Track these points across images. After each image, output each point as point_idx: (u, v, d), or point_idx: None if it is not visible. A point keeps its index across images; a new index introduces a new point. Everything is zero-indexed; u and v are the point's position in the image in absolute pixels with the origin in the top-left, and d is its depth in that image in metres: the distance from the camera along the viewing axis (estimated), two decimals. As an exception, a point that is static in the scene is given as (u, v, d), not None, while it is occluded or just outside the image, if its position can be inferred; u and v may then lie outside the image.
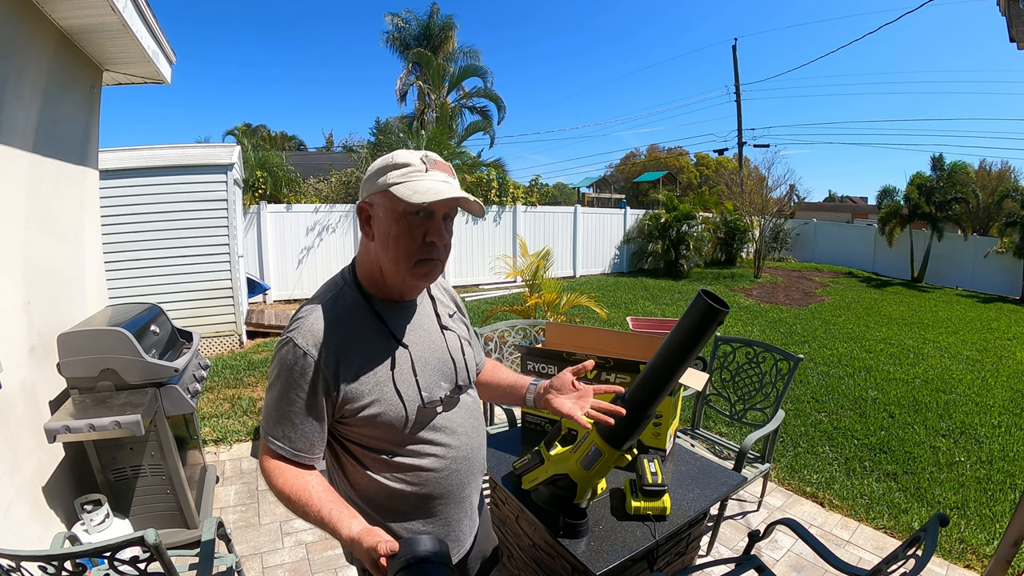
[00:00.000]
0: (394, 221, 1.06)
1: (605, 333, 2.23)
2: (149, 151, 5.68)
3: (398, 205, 1.04)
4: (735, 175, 17.63)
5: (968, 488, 3.38)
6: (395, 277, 1.11)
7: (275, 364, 1.07)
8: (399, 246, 1.06)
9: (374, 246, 1.10)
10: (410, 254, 1.07)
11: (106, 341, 2.18)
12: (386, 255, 1.08)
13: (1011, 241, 13.08)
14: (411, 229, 1.06)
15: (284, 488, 1.04)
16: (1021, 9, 2.19)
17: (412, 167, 1.05)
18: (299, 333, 1.05)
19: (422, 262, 1.09)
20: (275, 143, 23.14)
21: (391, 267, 1.10)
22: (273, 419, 1.07)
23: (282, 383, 1.05)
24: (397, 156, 1.06)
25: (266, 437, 1.08)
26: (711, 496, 1.81)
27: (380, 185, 1.05)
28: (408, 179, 1.03)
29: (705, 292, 1.27)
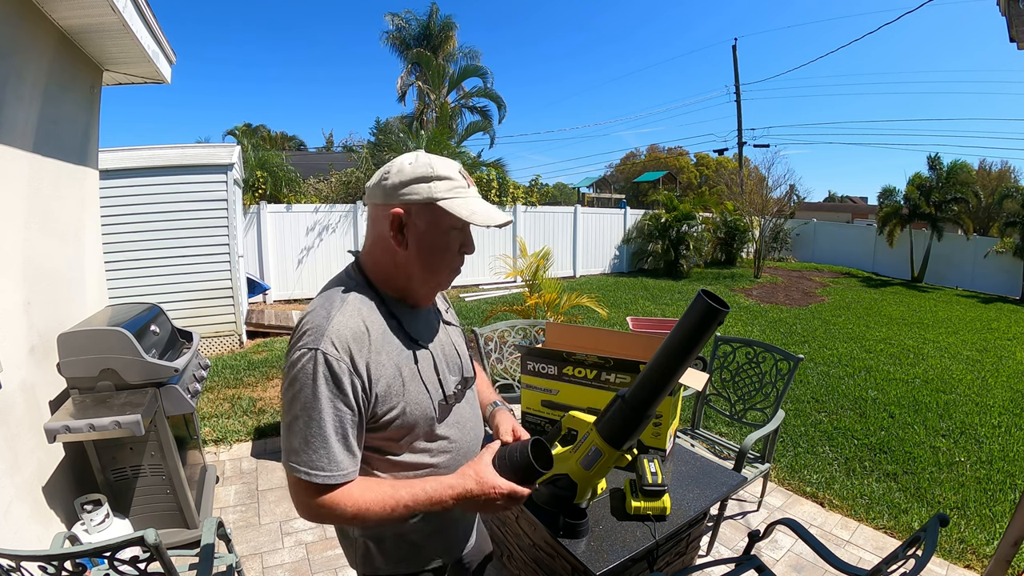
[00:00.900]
0: (439, 234, 1.05)
1: (605, 333, 2.23)
2: (149, 151, 5.68)
3: (445, 220, 1.03)
4: (735, 175, 17.63)
5: (968, 488, 3.38)
6: (424, 286, 1.11)
7: (301, 381, 0.95)
8: (442, 259, 1.07)
9: (404, 254, 1.05)
10: (448, 265, 1.09)
11: (106, 341, 2.18)
12: (421, 265, 1.07)
13: (1011, 241, 13.08)
14: (452, 242, 1.07)
15: (358, 507, 0.98)
16: (1021, 9, 2.19)
17: (455, 181, 1.04)
18: (324, 340, 0.96)
19: (454, 271, 1.12)
20: (275, 143, 23.14)
21: (425, 276, 1.09)
22: (314, 447, 0.95)
23: (316, 401, 0.95)
24: (437, 167, 1.03)
25: (307, 472, 0.95)
26: (711, 496, 1.81)
27: (423, 195, 1.01)
28: (456, 195, 1.03)
29: (705, 292, 1.27)
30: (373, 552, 1.17)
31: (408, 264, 1.07)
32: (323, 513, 0.98)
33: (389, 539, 1.17)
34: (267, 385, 5.04)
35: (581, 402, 2.06)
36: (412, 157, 1.04)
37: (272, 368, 5.48)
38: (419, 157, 1.04)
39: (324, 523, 1.01)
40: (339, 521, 1.00)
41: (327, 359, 0.95)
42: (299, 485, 0.97)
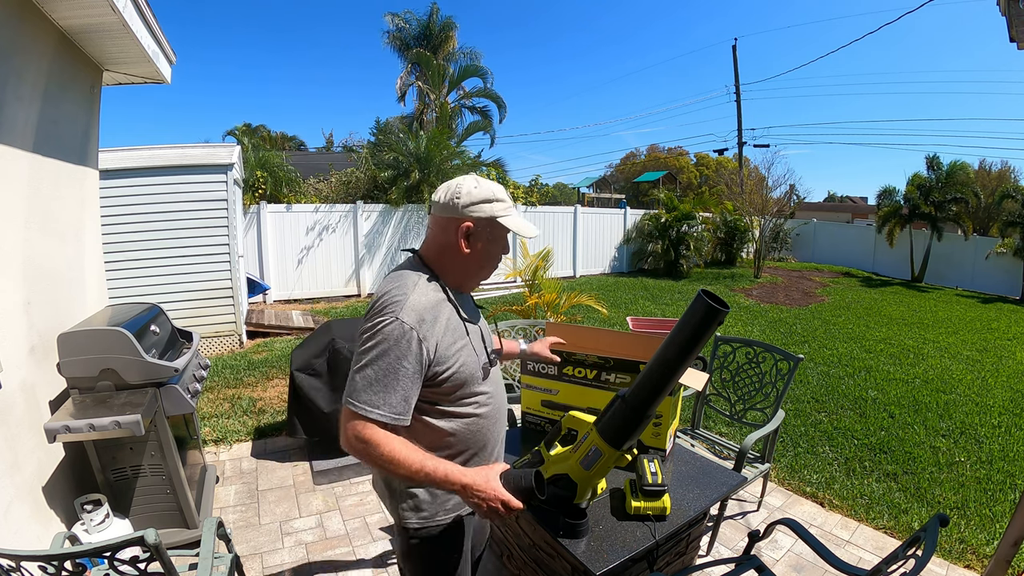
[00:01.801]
0: (496, 242, 1.38)
1: (605, 333, 2.23)
2: (149, 151, 5.68)
3: (500, 231, 1.36)
4: (735, 175, 17.62)
5: (968, 488, 3.38)
6: (475, 279, 1.43)
7: (379, 339, 1.20)
8: (494, 260, 1.42)
9: (467, 255, 1.35)
10: (495, 264, 1.43)
11: (106, 341, 2.18)
12: (479, 265, 1.39)
13: (1011, 241, 13.07)
14: (501, 248, 1.41)
15: (392, 454, 1.19)
16: (1021, 9, 2.19)
17: (507, 203, 1.36)
18: (404, 311, 1.22)
19: (494, 268, 1.46)
20: (275, 143, 23.11)
21: (479, 273, 1.42)
22: (376, 390, 1.19)
23: (388, 355, 1.20)
24: (497, 191, 1.34)
25: (366, 408, 1.19)
26: (711, 496, 1.81)
27: (487, 213, 1.32)
28: (508, 213, 1.36)
29: (705, 292, 1.27)
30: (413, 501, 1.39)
31: (468, 263, 1.37)
32: (363, 447, 1.20)
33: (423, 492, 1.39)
34: (267, 385, 5.04)
35: (581, 402, 2.06)
36: (475, 181, 1.34)
37: (272, 368, 5.48)
38: (481, 182, 1.34)
39: (360, 457, 1.21)
40: (372, 458, 1.20)
41: (403, 325, 1.21)
42: (354, 418, 1.20)
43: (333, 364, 3.44)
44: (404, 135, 11.68)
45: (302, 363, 3.48)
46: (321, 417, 3.42)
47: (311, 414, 3.43)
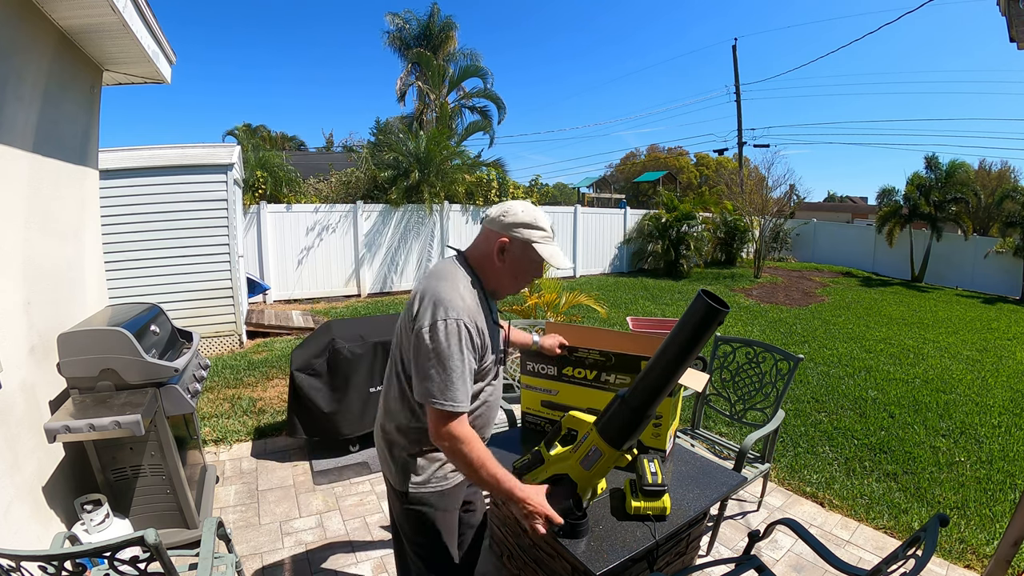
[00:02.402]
0: (527, 262, 1.53)
1: (605, 333, 2.23)
2: (149, 151, 5.68)
3: (535, 256, 1.50)
4: (735, 175, 17.62)
5: (968, 488, 3.38)
6: (505, 289, 1.59)
7: (447, 340, 1.34)
8: (525, 278, 1.57)
9: (500, 267, 1.52)
10: (523, 283, 1.59)
11: (106, 341, 2.18)
12: (511, 278, 1.56)
13: (1011, 241, 13.07)
14: (532, 270, 1.56)
15: (478, 454, 1.38)
16: (1021, 9, 2.19)
17: (546, 233, 1.50)
18: (461, 312, 1.37)
19: (525, 286, 1.66)
20: (275, 143, 23.12)
21: (508, 286, 1.58)
22: (456, 386, 1.35)
23: (459, 354, 1.35)
24: (539, 219, 1.49)
25: (453, 403, 1.34)
26: (711, 496, 1.81)
27: (524, 236, 1.48)
28: (546, 243, 1.50)
29: (705, 292, 1.27)
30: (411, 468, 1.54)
31: (500, 274, 1.54)
32: (457, 445, 1.36)
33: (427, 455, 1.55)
34: (267, 385, 5.04)
35: (581, 402, 2.06)
36: (524, 207, 1.50)
37: (272, 368, 5.48)
38: (529, 209, 1.50)
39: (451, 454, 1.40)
40: (457, 444, 1.36)
41: (465, 326, 1.37)
42: (441, 415, 1.35)
43: (333, 364, 3.44)
44: (404, 135, 11.69)
45: (302, 363, 3.48)
46: (321, 417, 3.42)
47: (311, 414, 3.43)
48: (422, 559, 1.62)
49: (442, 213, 11.10)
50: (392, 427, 1.56)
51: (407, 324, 1.46)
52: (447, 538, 1.61)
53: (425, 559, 1.62)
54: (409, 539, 1.63)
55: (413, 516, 1.58)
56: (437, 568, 1.62)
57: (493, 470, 1.39)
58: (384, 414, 1.61)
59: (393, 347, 1.58)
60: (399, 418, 1.54)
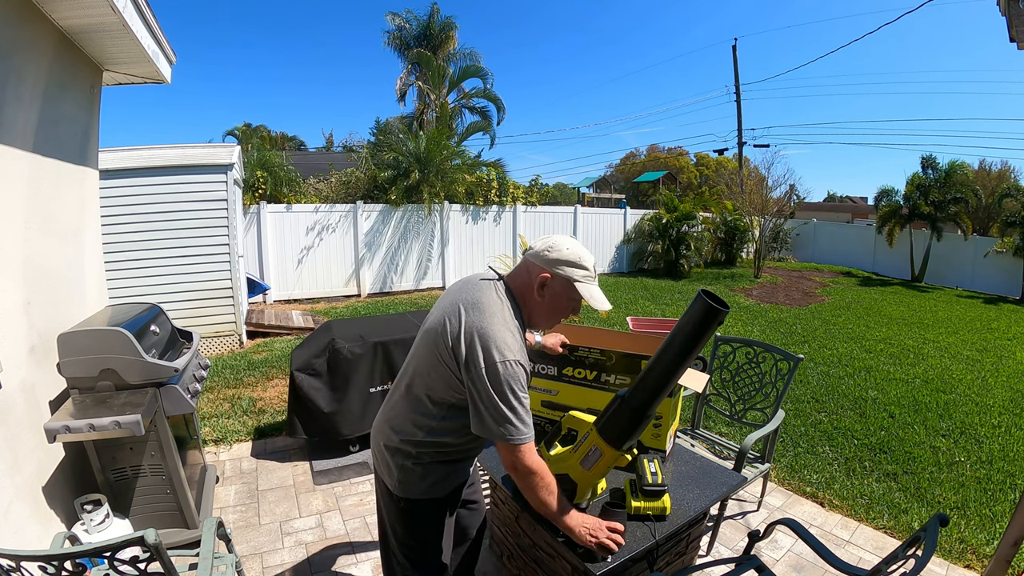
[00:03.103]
0: (566, 300, 1.52)
1: (605, 333, 2.23)
2: (149, 151, 5.68)
3: (573, 293, 1.49)
4: (735, 175, 17.63)
5: (968, 488, 3.38)
6: (543, 325, 1.59)
7: (508, 380, 1.36)
8: (561, 315, 1.56)
9: (538, 301, 1.52)
10: (559, 318, 1.57)
11: (106, 341, 2.18)
12: (548, 313, 1.54)
13: (1011, 241, 13.07)
14: (570, 307, 1.54)
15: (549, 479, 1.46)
16: (1021, 9, 2.19)
17: (589, 272, 1.50)
18: (516, 352, 1.39)
19: (558, 321, 1.61)
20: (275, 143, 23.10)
21: (544, 320, 1.56)
22: (522, 419, 1.38)
23: (521, 393, 1.39)
24: (584, 258, 1.49)
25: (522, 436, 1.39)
26: (711, 496, 1.81)
27: (566, 274, 1.47)
28: (586, 281, 1.50)
29: (705, 292, 1.27)
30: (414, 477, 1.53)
31: (538, 308, 1.53)
32: (527, 468, 1.42)
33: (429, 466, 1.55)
34: (267, 385, 5.04)
35: (581, 403, 2.06)
36: (569, 243, 1.50)
37: (272, 368, 5.48)
38: (574, 246, 1.50)
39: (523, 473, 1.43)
40: (532, 476, 1.43)
41: (523, 368, 1.40)
42: (514, 449, 1.40)
43: (333, 364, 3.44)
44: (404, 135, 11.69)
45: (302, 363, 3.48)
46: (321, 417, 3.42)
47: (311, 414, 3.43)
48: (409, 560, 1.63)
49: (442, 213, 11.10)
50: (398, 439, 1.54)
51: (441, 344, 1.43)
52: (438, 539, 1.61)
53: (412, 559, 1.63)
54: (400, 540, 1.64)
55: (409, 519, 1.58)
56: (423, 568, 1.63)
57: (558, 500, 1.47)
58: (389, 424, 1.59)
59: (410, 360, 1.56)
60: (412, 432, 1.52)
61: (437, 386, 1.46)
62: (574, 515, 1.47)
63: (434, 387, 1.46)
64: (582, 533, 1.44)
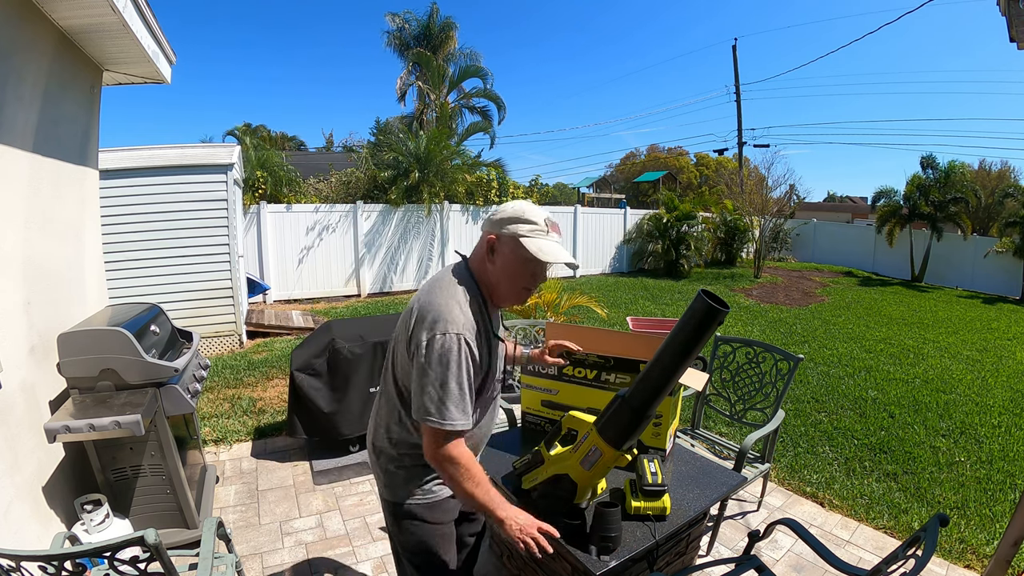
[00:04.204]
0: (517, 261, 1.40)
1: (605, 333, 2.23)
2: (149, 151, 5.68)
3: (524, 253, 1.36)
4: (735, 175, 17.62)
5: (968, 488, 3.38)
6: (505, 296, 1.48)
7: (443, 356, 1.28)
8: (515, 279, 1.43)
9: (492, 268, 1.43)
10: (521, 285, 1.45)
11: (106, 341, 2.18)
12: (504, 280, 1.43)
13: (1011, 241, 13.07)
14: (526, 270, 1.42)
15: (475, 470, 1.34)
16: (1021, 9, 2.19)
17: (538, 226, 1.38)
18: (462, 328, 1.31)
19: (525, 290, 1.48)
20: (275, 143, 23.11)
21: (505, 289, 1.45)
22: (454, 405, 1.29)
23: (456, 371, 1.29)
24: (528, 212, 1.38)
25: (451, 422, 1.29)
26: (711, 496, 1.81)
27: (510, 231, 1.38)
28: (535, 236, 1.37)
29: (705, 292, 1.27)
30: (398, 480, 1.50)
31: (492, 277, 1.44)
32: (447, 456, 1.31)
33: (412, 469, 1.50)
34: (267, 385, 5.04)
35: (581, 402, 2.06)
36: (515, 203, 1.42)
37: (272, 368, 5.48)
38: (519, 204, 1.41)
39: (443, 466, 1.33)
40: (452, 465, 1.32)
41: (465, 341, 1.30)
42: (437, 434, 1.31)
43: (333, 364, 3.44)
44: (404, 135, 11.69)
45: (302, 363, 3.48)
46: (321, 417, 3.42)
47: (311, 414, 3.43)
48: (416, 567, 1.60)
49: (442, 213, 11.10)
50: (383, 436, 1.53)
51: (403, 335, 1.41)
52: (440, 549, 1.56)
53: (419, 568, 1.59)
54: (402, 546, 1.60)
55: (404, 528, 1.54)
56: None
57: (485, 492, 1.34)
58: (374, 422, 1.59)
59: (388, 354, 1.54)
60: (391, 428, 1.51)
61: (407, 378, 1.42)
62: (507, 507, 1.36)
63: (406, 380, 1.43)
64: (512, 527, 1.33)
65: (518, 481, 1.69)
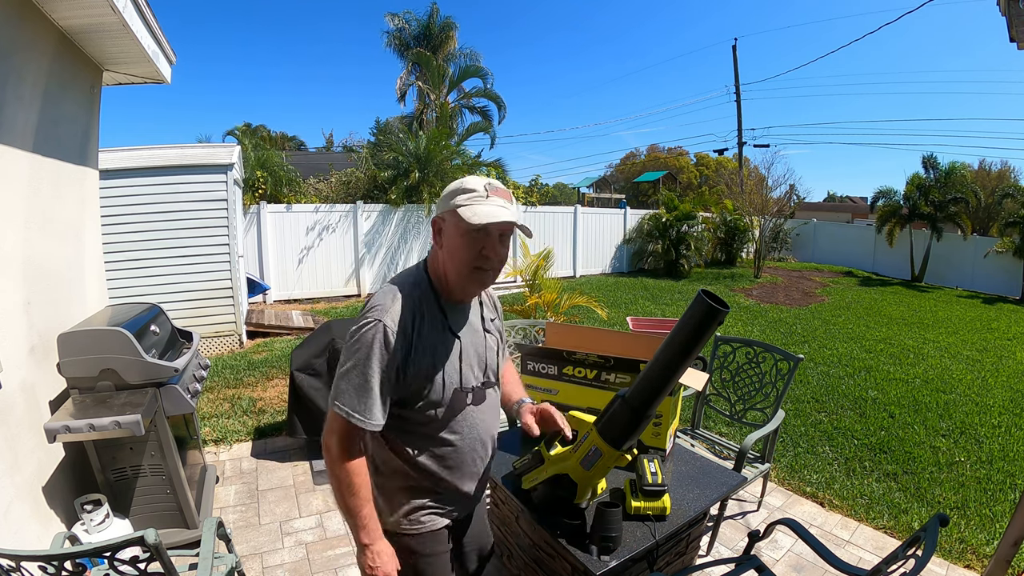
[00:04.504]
0: (458, 236, 1.25)
1: (605, 333, 2.23)
2: (149, 151, 5.68)
3: (462, 223, 1.21)
4: (735, 175, 17.63)
5: (968, 488, 3.38)
6: (456, 281, 1.31)
7: (360, 342, 1.20)
8: (460, 256, 1.27)
9: (441, 254, 1.30)
10: (468, 263, 1.27)
11: (106, 341, 2.18)
12: (451, 262, 1.29)
13: (1011, 241, 13.07)
14: (471, 244, 1.25)
15: (358, 480, 1.23)
16: (1021, 9, 2.19)
17: (476, 192, 1.24)
18: (385, 314, 1.22)
19: (477, 270, 1.29)
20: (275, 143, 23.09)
21: (453, 272, 1.30)
22: (357, 394, 1.20)
23: (367, 359, 1.19)
24: (466, 182, 1.26)
25: (348, 413, 1.20)
26: (711, 496, 1.81)
27: (451, 205, 1.24)
28: (472, 203, 1.22)
29: (705, 292, 1.26)
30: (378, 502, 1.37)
31: (444, 262, 1.31)
32: (330, 447, 1.22)
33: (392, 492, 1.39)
34: (267, 385, 5.04)
35: (581, 402, 2.06)
36: (457, 180, 1.30)
37: (272, 368, 5.48)
38: (458, 180, 1.29)
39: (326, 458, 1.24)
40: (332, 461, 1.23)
41: (386, 329, 1.20)
42: (337, 421, 1.22)
43: (333, 364, 3.44)
44: (404, 135, 11.68)
45: (302, 363, 3.48)
46: (321, 417, 3.39)
47: (311, 414, 3.43)
48: None
49: (442, 213, 11.08)
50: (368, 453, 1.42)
51: None
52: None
53: None
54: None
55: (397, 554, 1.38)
56: None
57: (357, 507, 1.24)
58: None
59: None
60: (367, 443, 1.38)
61: None
62: (375, 535, 1.27)
63: None
64: (368, 559, 1.26)
65: (518, 481, 1.69)
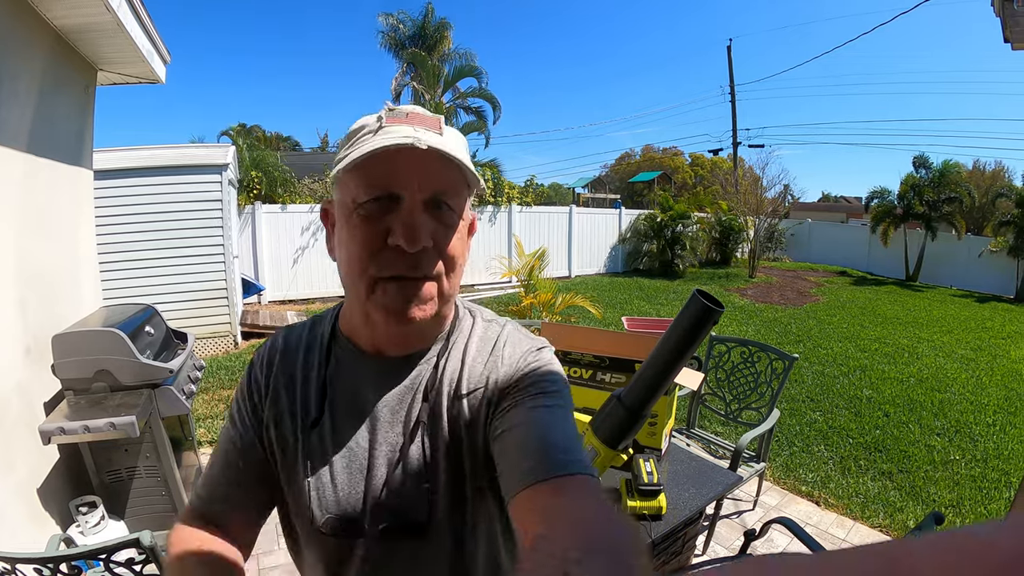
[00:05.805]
0: (345, 220, 0.67)
1: (600, 333, 2.23)
2: (144, 151, 5.66)
3: (345, 193, 0.66)
4: (730, 175, 17.68)
5: (963, 486, 3.40)
6: (359, 311, 0.73)
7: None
8: (352, 252, 0.67)
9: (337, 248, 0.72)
10: (361, 262, 0.66)
11: (101, 342, 2.17)
12: (343, 269, 0.70)
13: (1005, 240, 13.15)
14: (363, 228, 0.65)
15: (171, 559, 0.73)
16: (1015, 10, 2.21)
17: (364, 128, 0.66)
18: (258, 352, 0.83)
19: (382, 282, 0.66)
20: (270, 143, 23.01)
21: (349, 293, 0.73)
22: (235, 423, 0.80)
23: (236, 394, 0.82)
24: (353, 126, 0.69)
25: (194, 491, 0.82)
26: (707, 495, 1.82)
27: (334, 174, 0.69)
28: (354, 147, 0.64)
29: (700, 292, 1.27)
30: None
31: (343, 276, 0.71)
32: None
33: None
34: (263, 386, 5.02)
35: (576, 402, 2.06)
36: None
37: (268, 369, 5.46)
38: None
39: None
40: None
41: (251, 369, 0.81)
42: None
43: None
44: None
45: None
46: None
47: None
48: None
49: (438, 213, 11.07)
50: None
51: None
52: None
53: None
54: None
55: None
56: None
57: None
58: None
59: None
60: None
61: None
62: None
63: None
64: None
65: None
